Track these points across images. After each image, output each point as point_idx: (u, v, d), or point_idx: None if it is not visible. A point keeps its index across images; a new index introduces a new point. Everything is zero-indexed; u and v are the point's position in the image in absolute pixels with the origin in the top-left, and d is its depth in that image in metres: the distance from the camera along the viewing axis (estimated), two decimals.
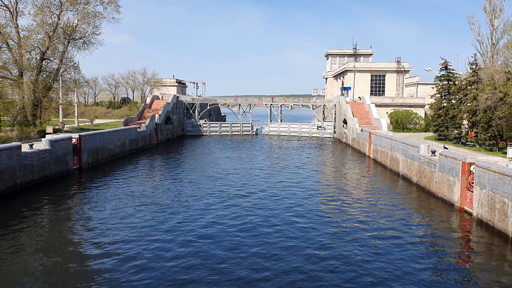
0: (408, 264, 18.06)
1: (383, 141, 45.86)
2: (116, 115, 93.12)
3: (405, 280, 16.54)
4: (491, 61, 44.99)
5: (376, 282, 16.36)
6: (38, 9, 52.65)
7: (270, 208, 26.87)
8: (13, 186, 29.85)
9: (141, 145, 58.75)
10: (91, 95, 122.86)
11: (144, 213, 25.48)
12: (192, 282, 16.13)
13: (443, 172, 29.45)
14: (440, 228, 23.70)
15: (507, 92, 36.47)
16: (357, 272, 17.18)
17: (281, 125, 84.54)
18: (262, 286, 15.92)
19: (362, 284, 16.15)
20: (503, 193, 21.44)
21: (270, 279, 16.49)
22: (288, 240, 20.93)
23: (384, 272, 17.15)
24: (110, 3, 58.37)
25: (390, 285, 16.04)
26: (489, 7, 46.03)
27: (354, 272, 17.15)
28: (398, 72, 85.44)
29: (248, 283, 16.11)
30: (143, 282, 16.02)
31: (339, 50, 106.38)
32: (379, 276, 16.78)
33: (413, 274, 17.04)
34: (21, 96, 51.67)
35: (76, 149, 40.18)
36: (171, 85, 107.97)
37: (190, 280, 16.29)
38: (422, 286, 16.05)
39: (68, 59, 57.55)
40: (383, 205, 28.33)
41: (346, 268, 17.53)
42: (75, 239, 20.99)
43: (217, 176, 38.05)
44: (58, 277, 16.61)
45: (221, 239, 20.94)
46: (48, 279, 16.45)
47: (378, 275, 16.87)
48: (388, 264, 17.95)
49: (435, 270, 17.57)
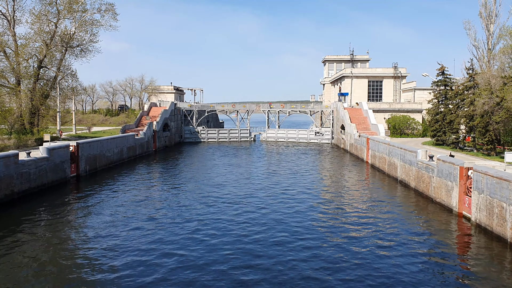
0: (406, 269, 18.00)
1: (381, 147, 45.89)
2: (113, 123, 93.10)
3: (404, 285, 16.47)
4: (488, 66, 45.18)
5: (374, 285, 16.31)
6: (35, 18, 52.74)
7: (268, 216, 26.79)
8: (11, 194, 29.73)
9: (139, 152, 58.65)
10: (88, 103, 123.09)
11: (142, 221, 25.36)
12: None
13: (441, 177, 29.46)
14: (439, 233, 23.66)
15: (504, 96, 36.60)
16: (355, 277, 17.12)
17: (279, 131, 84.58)
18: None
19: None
20: (501, 198, 21.44)
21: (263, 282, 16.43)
22: (285, 243, 20.87)
23: (382, 278, 17.08)
24: (108, 11, 58.49)
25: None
26: (485, 12, 46.32)
27: (352, 277, 17.08)
28: (395, 78, 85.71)
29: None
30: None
31: (336, 56, 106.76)
32: (378, 282, 16.72)
33: (412, 280, 16.97)
34: (19, 104, 51.62)
35: (73, 156, 40.08)
36: (169, 92, 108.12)
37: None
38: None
39: (66, 67, 57.58)
40: (381, 211, 28.28)
41: (344, 273, 17.47)
42: (72, 248, 20.86)
43: (215, 183, 37.97)
44: (55, 285, 16.49)
45: (219, 246, 20.86)
46: (44, 286, 16.35)
47: (377, 280, 16.81)
48: (386, 269, 17.89)
49: (433, 276, 17.51)
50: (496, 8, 45.47)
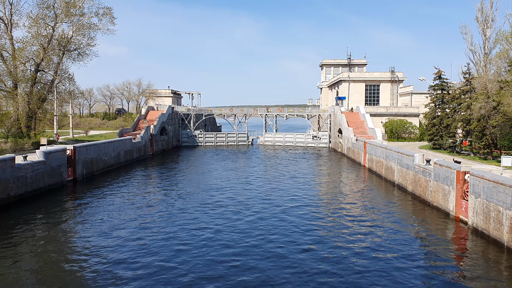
0: (402, 273, 17.97)
1: (378, 151, 45.95)
2: (111, 126, 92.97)
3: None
4: (484, 70, 45.32)
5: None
6: (33, 21, 52.74)
7: (264, 220, 26.75)
8: (7, 198, 29.62)
9: (136, 156, 58.56)
10: (86, 107, 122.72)
11: (138, 225, 25.29)
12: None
13: (438, 181, 29.50)
14: (436, 237, 23.65)
15: (500, 101, 36.72)
16: (351, 281, 17.08)
17: (277, 135, 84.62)
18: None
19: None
20: (497, 202, 21.48)
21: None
22: (281, 248, 20.83)
23: (378, 281, 17.05)
24: (105, 15, 58.56)
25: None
26: (481, 17, 46.50)
27: (347, 280, 17.04)
28: (392, 82, 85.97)
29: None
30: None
31: (334, 60, 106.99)
32: (374, 285, 16.68)
33: (408, 283, 16.95)
34: (15, 107, 51.51)
35: (70, 160, 39.99)
36: (166, 96, 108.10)
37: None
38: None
39: (63, 71, 57.55)
40: (378, 215, 28.28)
41: (339, 276, 17.43)
42: (68, 251, 20.77)
43: (212, 187, 37.93)
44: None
45: (215, 249, 20.81)
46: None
47: (373, 284, 16.78)
48: (383, 273, 17.86)
49: (430, 280, 17.50)
50: (492, 13, 45.65)
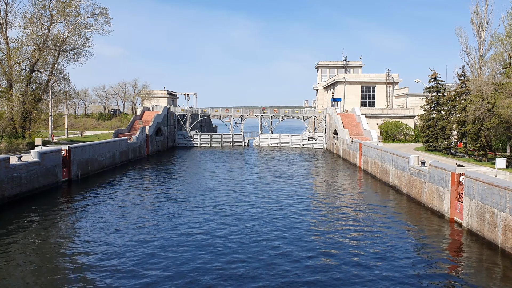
0: (397, 274, 18.01)
1: (374, 152, 46.07)
2: (106, 127, 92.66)
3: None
4: (479, 72, 45.52)
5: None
6: (28, 21, 52.48)
7: (261, 221, 26.74)
8: (1, 198, 29.43)
9: (131, 156, 58.40)
10: (81, 107, 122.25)
11: (133, 226, 25.21)
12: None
13: (433, 183, 29.60)
14: (430, 239, 23.73)
15: (495, 103, 36.91)
16: (345, 281, 17.09)
17: (272, 136, 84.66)
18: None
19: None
20: (492, 203, 21.57)
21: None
22: (280, 251, 20.83)
23: (372, 283, 17.08)
24: (101, 15, 58.42)
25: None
26: (476, 20, 46.73)
27: (342, 282, 17.05)
28: (388, 84, 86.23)
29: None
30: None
31: (330, 62, 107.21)
32: (368, 287, 16.74)
33: (402, 285, 16.98)
34: (10, 107, 51.21)
35: (65, 161, 39.82)
36: (162, 97, 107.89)
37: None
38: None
39: (58, 71, 57.30)
40: (373, 216, 28.32)
41: (333, 278, 17.44)
42: (63, 252, 20.66)
43: (207, 188, 37.88)
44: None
45: (213, 252, 20.78)
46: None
47: (367, 286, 16.79)
48: (377, 275, 17.88)
49: (425, 281, 17.53)
50: (487, 16, 45.88)
